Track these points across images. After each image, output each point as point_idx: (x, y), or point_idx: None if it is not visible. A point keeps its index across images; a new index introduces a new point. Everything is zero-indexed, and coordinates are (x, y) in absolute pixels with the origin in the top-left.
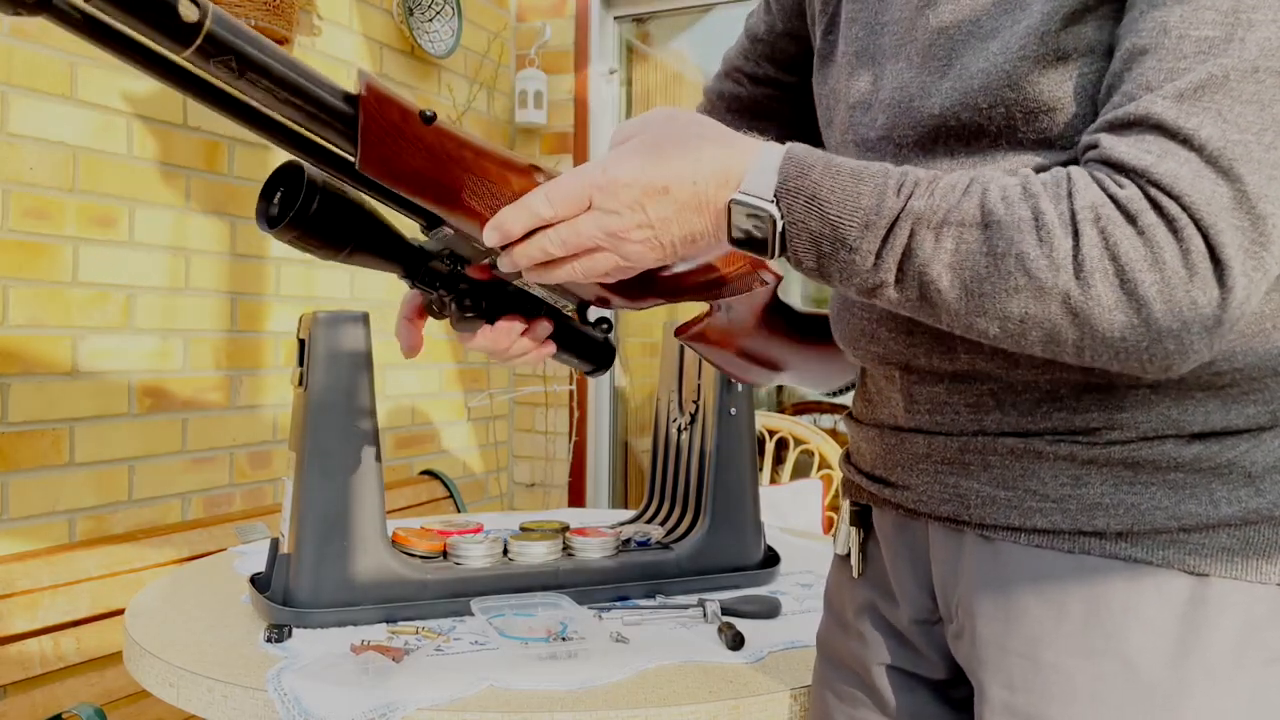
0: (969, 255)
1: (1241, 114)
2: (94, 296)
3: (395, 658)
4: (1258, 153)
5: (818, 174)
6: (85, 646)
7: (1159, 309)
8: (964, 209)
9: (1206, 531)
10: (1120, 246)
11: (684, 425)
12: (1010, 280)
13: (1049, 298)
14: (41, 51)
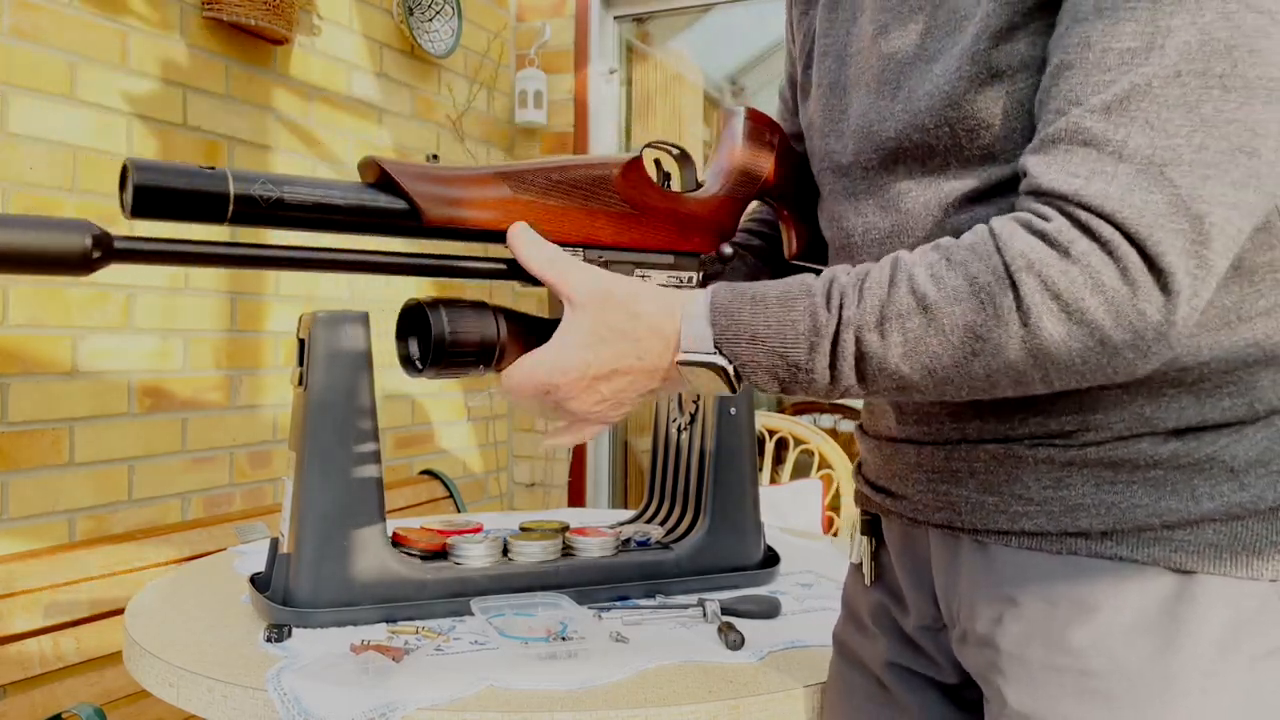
0: (919, 342)
1: (1169, 119)
2: (94, 296)
3: (395, 658)
4: (1188, 154)
5: (747, 314)
6: (85, 646)
7: (1109, 327)
8: (897, 301)
9: (1191, 528)
10: (1058, 283)
11: (684, 425)
12: (965, 349)
13: (1006, 351)
14: (41, 51)
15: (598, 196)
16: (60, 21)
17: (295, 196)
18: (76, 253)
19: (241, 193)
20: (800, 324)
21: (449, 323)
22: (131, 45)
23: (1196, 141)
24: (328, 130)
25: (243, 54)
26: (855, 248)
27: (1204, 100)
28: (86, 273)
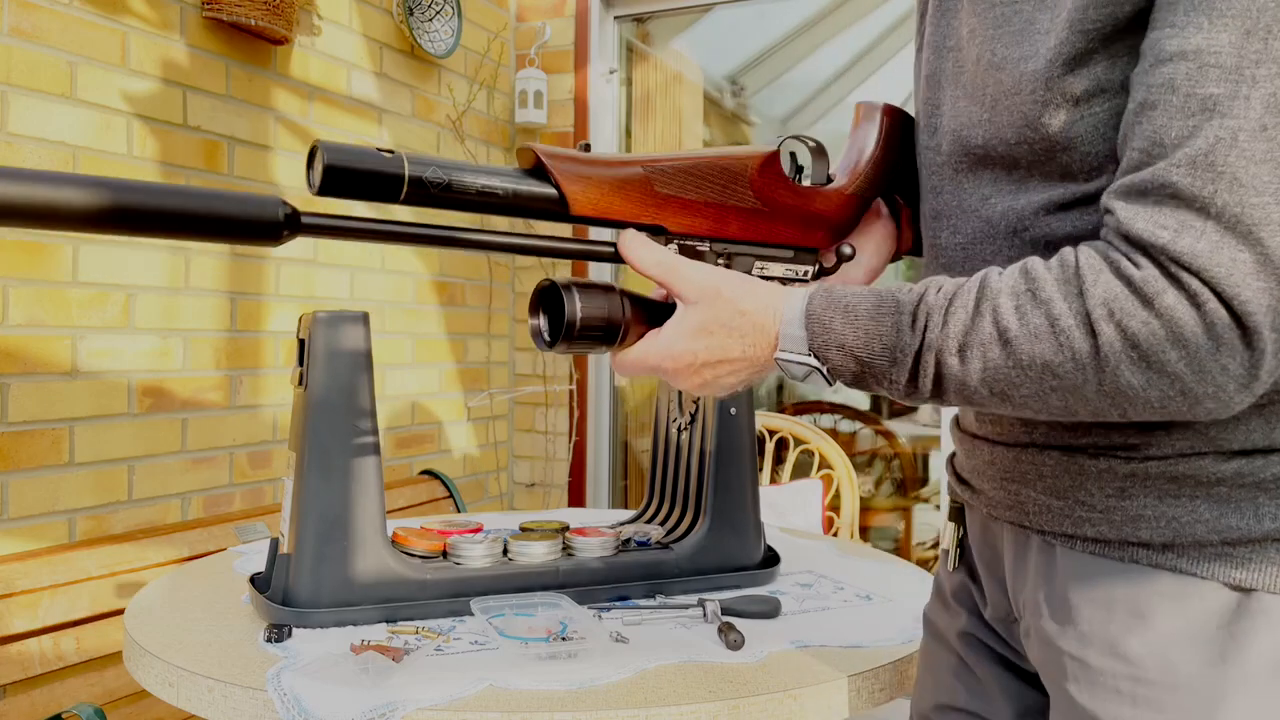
0: (997, 370)
1: (1256, 175)
2: (94, 296)
3: (395, 658)
4: (1276, 213)
5: (838, 325)
6: (85, 646)
7: (1190, 379)
8: (980, 330)
9: (1252, 545)
10: (1139, 335)
11: (684, 425)
12: (1041, 384)
13: (1082, 392)
14: (41, 51)
15: (732, 192)
16: (60, 21)
17: (460, 183)
18: (272, 223)
19: (415, 175)
20: (886, 338)
21: (581, 305)
22: (131, 45)
23: (1262, 183)
24: (328, 130)
25: (243, 54)
26: (940, 249)
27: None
28: (277, 243)
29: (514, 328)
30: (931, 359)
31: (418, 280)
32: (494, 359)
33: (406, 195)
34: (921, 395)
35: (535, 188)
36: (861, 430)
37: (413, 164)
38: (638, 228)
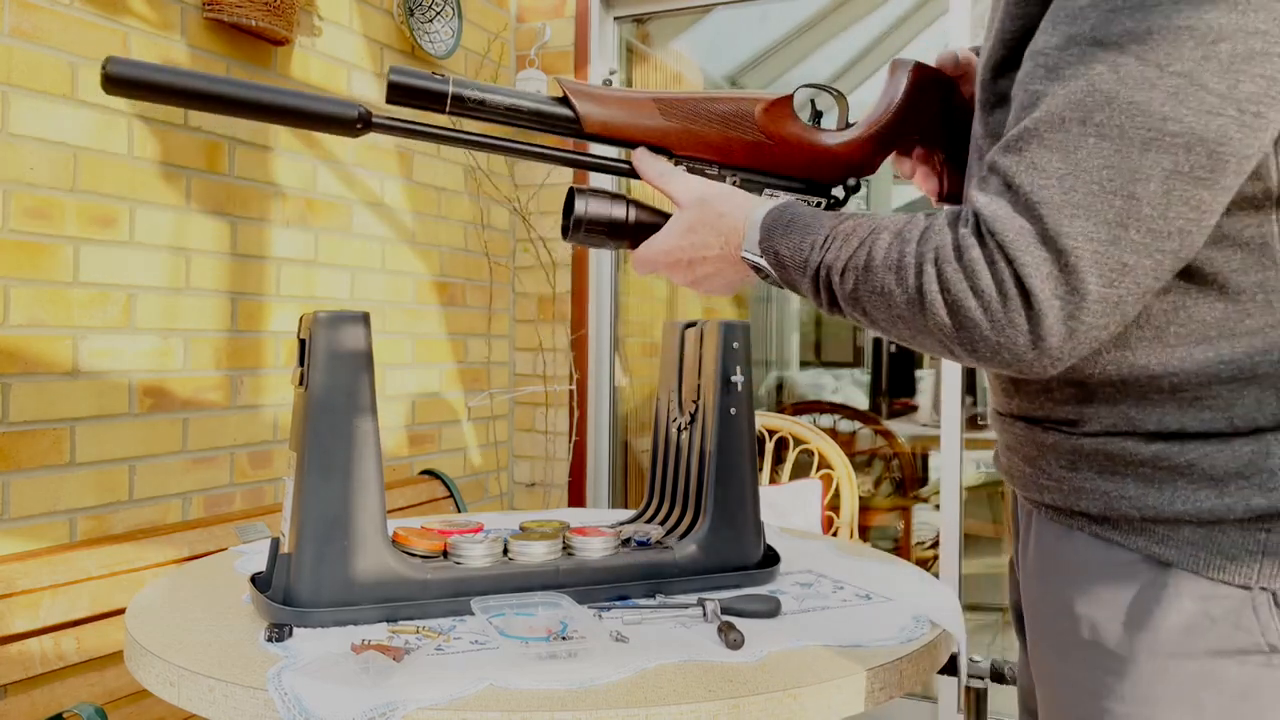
0: (861, 291)
1: (1047, 160)
2: (94, 296)
3: (395, 657)
4: (1057, 196)
5: (778, 235)
6: (86, 646)
7: (986, 329)
8: (857, 256)
9: (1170, 525)
10: (950, 281)
11: (684, 425)
12: (889, 311)
13: (913, 324)
14: (42, 51)
15: (737, 127)
16: (61, 22)
17: (492, 101)
18: (351, 118)
19: (457, 93)
20: (803, 253)
21: (588, 206)
22: (132, 46)
23: (1067, 184)
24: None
25: (243, 54)
26: None
27: (1080, 146)
28: (354, 135)
29: (514, 328)
30: (824, 275)
31: (418, 280)
32: (494, 359)
33: (450, 107)
34: (823, 305)
35: (554, 108)
36: (861, 430)
37: (456, 84)
38: (649, 147)
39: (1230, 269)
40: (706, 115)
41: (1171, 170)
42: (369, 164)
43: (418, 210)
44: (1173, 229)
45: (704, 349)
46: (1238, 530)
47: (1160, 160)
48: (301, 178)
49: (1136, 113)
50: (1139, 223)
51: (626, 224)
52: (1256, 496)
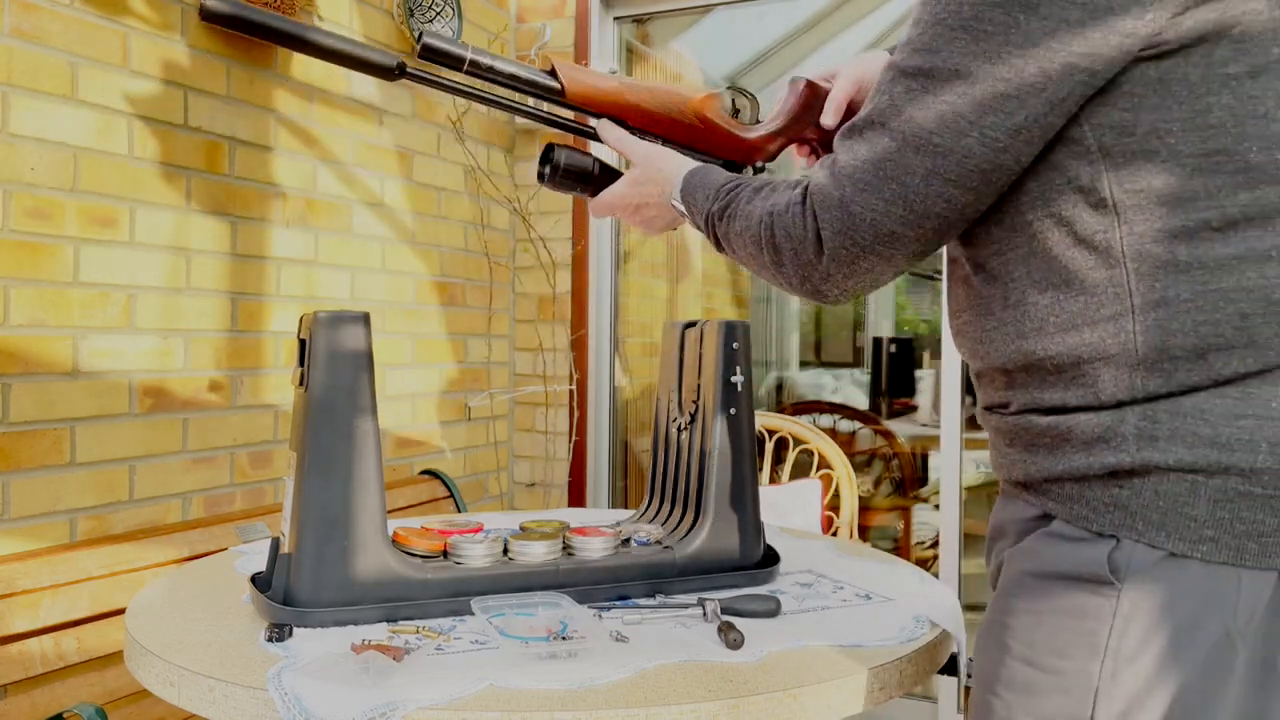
0: (731, 233)
1: (858, 149)
2: (94, 296)
3: (396, 657)
4: (857, 174)
5: (692, 187)
6: (86, 646)
7: (793, 264)
8: (732, 207)
9: (1057, 483)
10: (777, 226)
11: (684, 425)
12: (744, 249)
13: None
14: (42, 52)
15: (678, 111)
16: (61, 22)
17: (498, 68)
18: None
19: (473, 60)
20: (702, 203)
21: (565, 156)
22: (132, 46)
23: (865, 170)
24: (328, 131)
25: (243, 55)
26: None
27: (878, 142)
28: (393, 78)
29: (514, 328)
30: (712, 220)
31: (418, 280)
32: (494, 359)
33: (467, 69)
34: (713, 245)
35: (545, 79)
36: (861, 430)
37: (474, 51)
38: (610, 119)
39: (1088, 267)
40: (657, 100)
41: (930, 170)
42: (369, 164)
43: (418, 210)
44: (930, 213)
45: (704, 349)
46: (1100, 485)
47: (924, 161)
48: (301, 178)
49: (913, 125)
50: (905, 203)
51: (592, 174)
52: (1109, 456)
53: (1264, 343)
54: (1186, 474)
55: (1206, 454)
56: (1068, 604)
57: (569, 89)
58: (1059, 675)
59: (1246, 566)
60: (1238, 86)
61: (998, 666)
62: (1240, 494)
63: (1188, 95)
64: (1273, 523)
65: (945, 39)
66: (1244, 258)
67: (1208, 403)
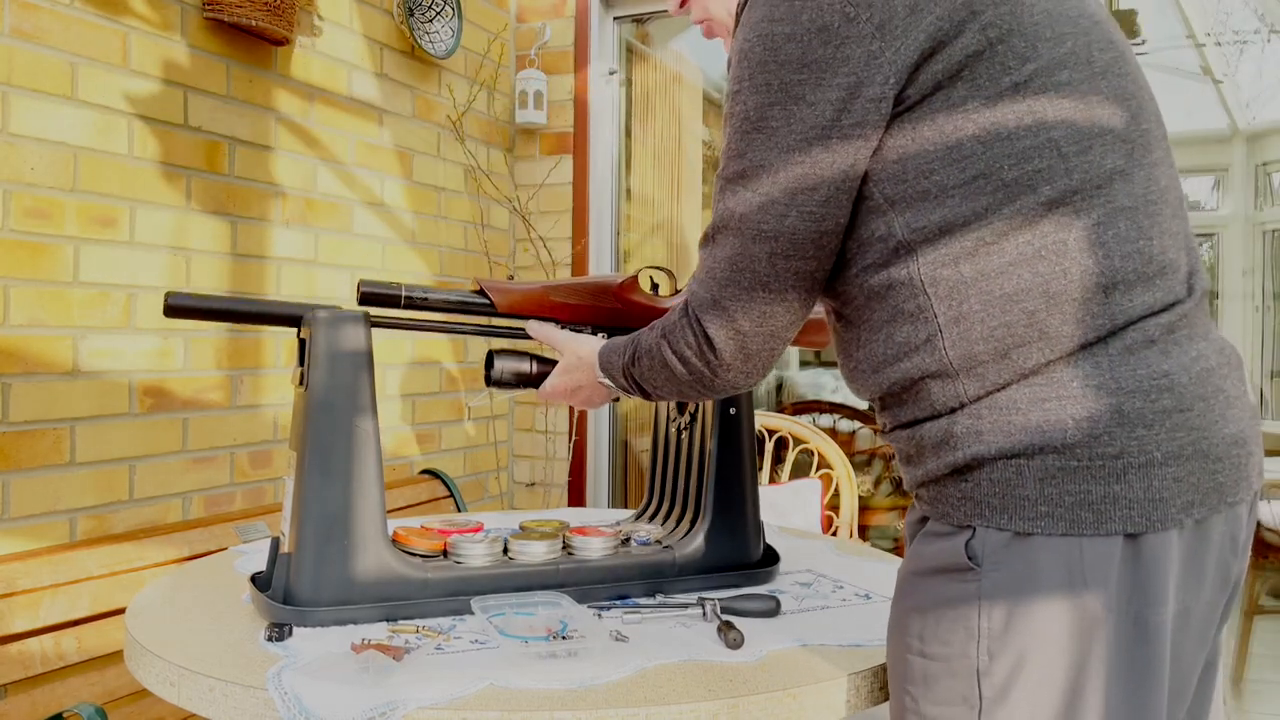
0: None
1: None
2: (94, 296)
3: (395, 656)
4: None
5: (606, 360)
6: (86, 646)
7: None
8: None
9: (924, 486)
10: (673, 344)
11: (684, 425)
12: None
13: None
14: (42, 52)
15: (602, 298)
16: (61, 22)
17: (433, 298)
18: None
19: (408, 295)
20: (618, 364)
21: (499, 365)
22: (132, 46)
23: (723, 267)
24: (328, 131)
25: (243, 55)
26: None
27: (724, 244)
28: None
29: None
30: (627, 373)
31: (418, 280)
32: None
33: (404, 304)
34: (637, 394)
35: (476, 299)
36: (860, 430)
37: (407, 289)
38: (541, 319)
39: (902, 301)
40: (580, 293)
41: (771, 253)
42: (369, 164)
43: (418, 210)
44: (785, 287)
45: None
46: (951, 483)
47: (763, 247)
48: (301, 178)
49: (744, 221)
50: (763, 286)
51: (530, 375)
52: (949, 456)
53: (1053, 332)
54: (1011, 460)
55: (1022, 439)
56: (944, 594)
57: (498, 303)
58: (946, 661)
59: (1085, 535)
60: (979, 117)
61: (902, 665)
62: (1059, 469)
63: (939, 136)
64: (1099, 490)
65: (746, 141)
66: (1017, 262)
67: (1018, 393)
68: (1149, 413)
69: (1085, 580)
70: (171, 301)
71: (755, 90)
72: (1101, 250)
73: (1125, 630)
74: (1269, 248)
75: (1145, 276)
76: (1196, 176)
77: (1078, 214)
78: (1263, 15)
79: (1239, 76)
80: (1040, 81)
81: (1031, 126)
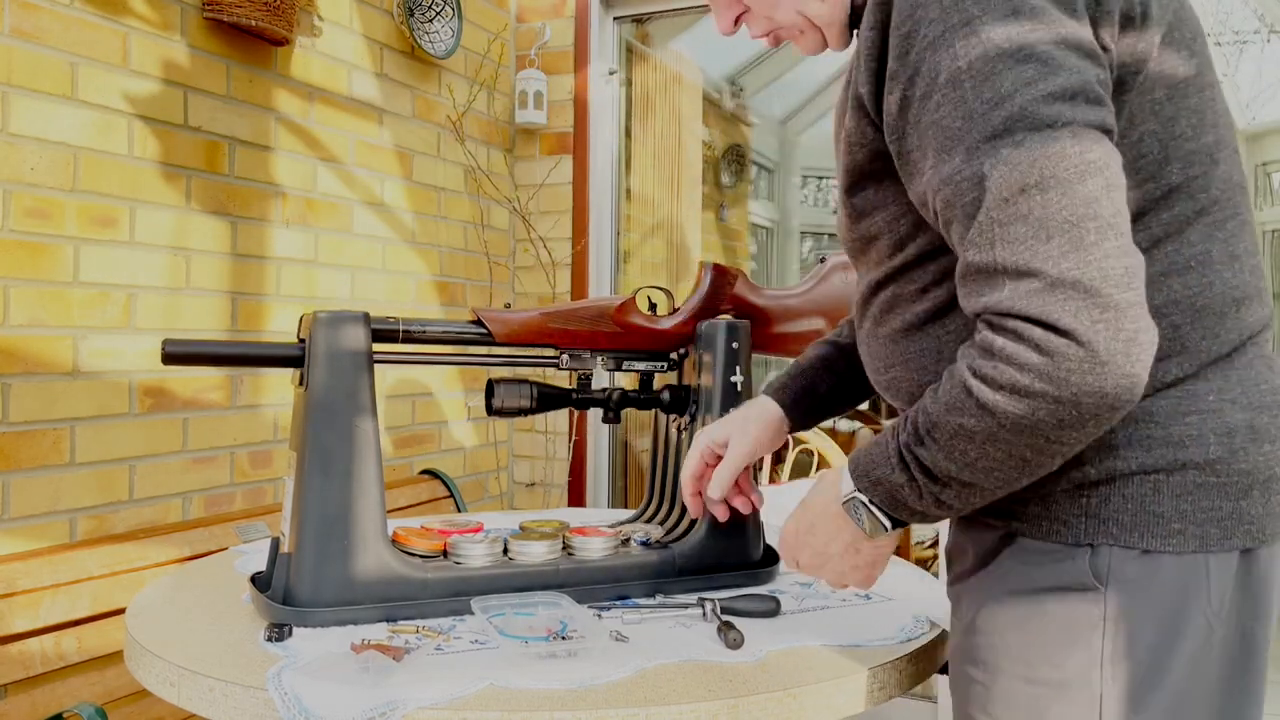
0: (947, 444)
1: (1015, 233)
2: (94, 296)
3: (395, 657)
4: (1041, 250)
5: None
6: (86, 646)
7: (1053, 391)
8: (921, 422)
9: (1020, 503)
10: (992, 375)
11: (684, 425)
12: (974, 444)
13: (997, 437)
14: (42, 52)
15: (600, 322)
16: (61, 22)
17: (431, 331)
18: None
19: (404, 330)
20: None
21: (499, 396)
22: (132, 46)
23: (1041, 238)
24: (328, 131)
25: (243, 55)
26: None
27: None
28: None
29: None
30: (909, 453)
31: (418, 280)
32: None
33: (402, 339)
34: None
35: (474, 329)
36: (861, 430)
37: (405, 323)
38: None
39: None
40: (577, 318)
41: (1106, 184)
42: (369, 164)
43: (418, 210)
44: (1125, 226)
45: (704, 349)
46: (1067, 499)
47: (1096, 181)
48: (301, 178)
49: (1059, 159)
50: (1111, 230)
51: (530, 407)
52: (1075, 472)
53: (1194, 347)
54: (1149, 475)
55: (1163, 454)
56: (1058, 616)
57: (496, 333)
58: (1060, 686)
59: (1212, 551)
60: (1160, 110)
61: (989, 689)
62: (1198, 485)
63: (1128, 127)
64: (1228, 506)
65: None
66: (1168, 273)
67: (1154, 406)
68: (1273, 428)
69: (1209, 597)
70: (169, 350)
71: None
72: (1236, 264)
73: (1234, 645)
74: (1269, 248)
75: (1259, 291)
76: None
77: (1217, 225)
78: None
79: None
80: (1201, 79)
81: (1196, 128)
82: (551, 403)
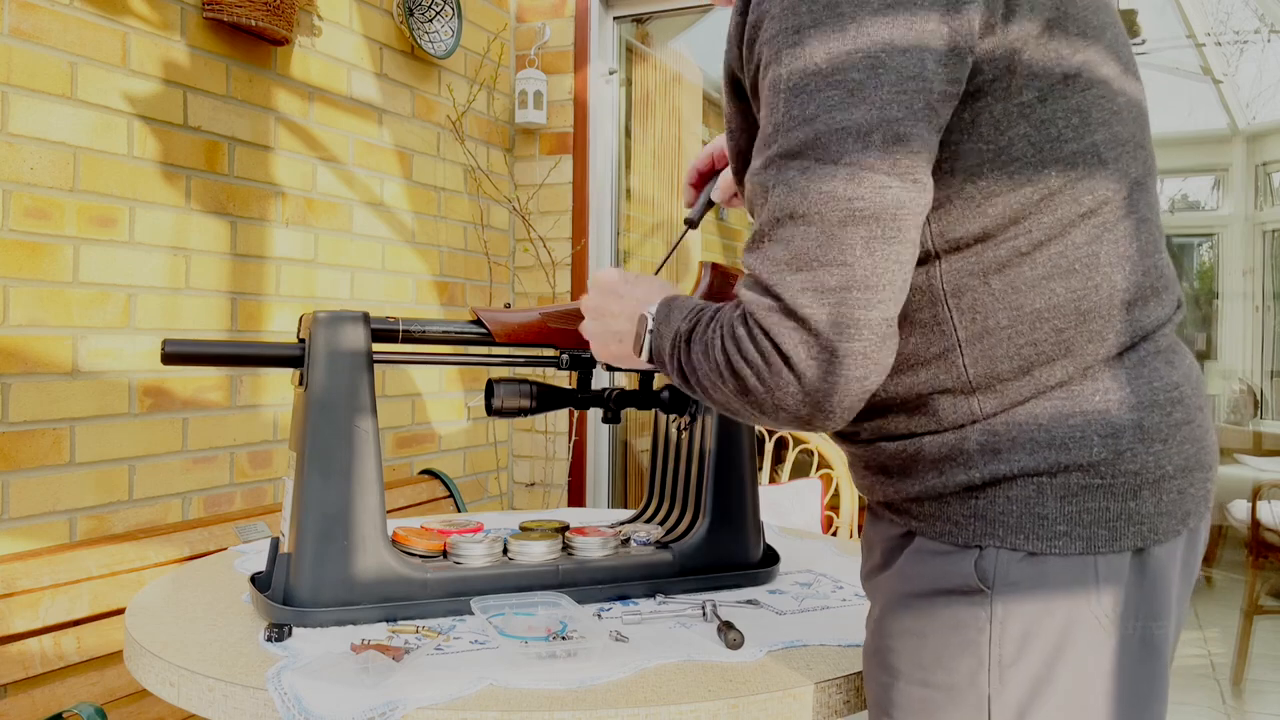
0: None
1: (775, 252)
2: (94, 296)
3: (395, 657)
4: (787, 277)
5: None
6: (86, 646)
7: (761, 393)
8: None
9: (916, 502)
10: (729, 349)
11: (684, 425)
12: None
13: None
14: (42, 52)
15: None
16: (61, 22)
17: (430, 331)
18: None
19: (404, 330)
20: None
21: (499, 396)
22: (132, 46)
23: (793, 267)
24: (328, 130)
25: (243, 54)
26: None
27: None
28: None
29: None
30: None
31: (418, 280)
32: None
33: (401, 338)
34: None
35: (474, 329)
36: None
37: (405, 323)
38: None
39: (913, 309)
40: (577, 317)
41: (867, 236)
42: (369, 164)
43: (418, 210)
44: (883, 282)
45: None
46: (957, 500)
47: (856, 230)
48: (301, 178)
49: (828, 200)
50: (857, 284)
51: (530, 407)
52: (960, 474)
53: (1079, 350)
54: (1033, 478)
55: (1046, 456)
56: (946, 618)
57: (495, 333)
58: (950, 690)
59: (1100, 553)
60: (1031, 113)
61: (888, 691)
62: (1083, 487)
63: (993, 133)
64: (1116, 507)
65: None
66: (1050, 276)
67: (1038, 408)
68: (1164, 427)
69: (1099, 599)
70: (169, 349)
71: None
72: (1128, 264)
73: (1133, 648)
74: (1269, 248)
75: (1156, 290)
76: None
77: (1107, 225)
78: (1263, 15)
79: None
80: (1087, 76)
81: (1079, 128)
82: (551, 402)
